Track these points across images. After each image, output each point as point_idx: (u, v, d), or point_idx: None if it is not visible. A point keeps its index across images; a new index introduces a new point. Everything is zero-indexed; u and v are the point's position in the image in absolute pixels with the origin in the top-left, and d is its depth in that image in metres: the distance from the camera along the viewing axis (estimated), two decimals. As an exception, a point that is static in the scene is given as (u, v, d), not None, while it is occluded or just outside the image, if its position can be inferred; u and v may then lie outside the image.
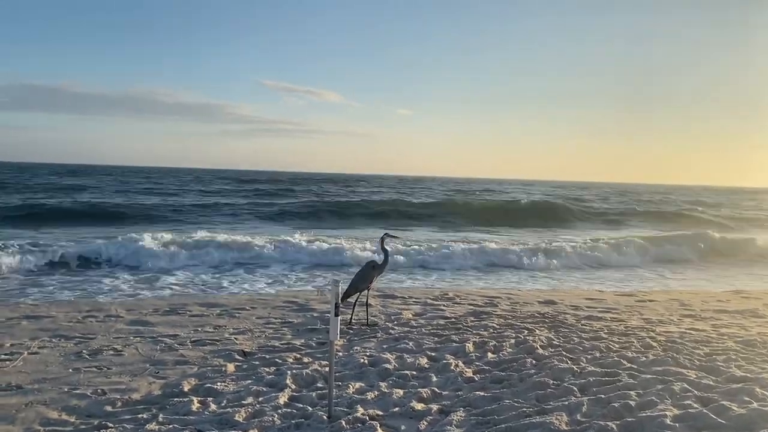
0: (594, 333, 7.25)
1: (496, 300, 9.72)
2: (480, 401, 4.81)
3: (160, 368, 5.74)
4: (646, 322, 8.20)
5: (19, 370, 5.56)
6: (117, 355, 6.13)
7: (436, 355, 6.16)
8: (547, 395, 4.94)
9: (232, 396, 4.92)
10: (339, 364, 5.79)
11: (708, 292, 11.97)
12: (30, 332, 6.97)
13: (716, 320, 8.52)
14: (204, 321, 7.78)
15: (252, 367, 5.79)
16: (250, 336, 7.04)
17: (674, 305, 9.80)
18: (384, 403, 4.79)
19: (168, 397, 4.94)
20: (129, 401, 4.84)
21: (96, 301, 9.15)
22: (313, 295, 10.07)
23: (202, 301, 9.25)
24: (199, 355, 6.21)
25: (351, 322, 7.63)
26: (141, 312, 8.20)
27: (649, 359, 5.94)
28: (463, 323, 7.76)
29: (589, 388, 5.09)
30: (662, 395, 4.80)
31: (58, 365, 5.76)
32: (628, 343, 6.67)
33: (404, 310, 8.64)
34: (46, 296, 9.56)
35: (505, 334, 7.08)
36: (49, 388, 5.09)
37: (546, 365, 5.71)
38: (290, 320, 7.92)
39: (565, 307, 9.32)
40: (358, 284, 7.44)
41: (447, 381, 5.38)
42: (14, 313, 7.92)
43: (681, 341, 6.81)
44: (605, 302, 9.93)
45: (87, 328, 7.27)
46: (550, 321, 8.01)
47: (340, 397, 4.84)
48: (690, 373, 5.48)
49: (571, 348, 6.43)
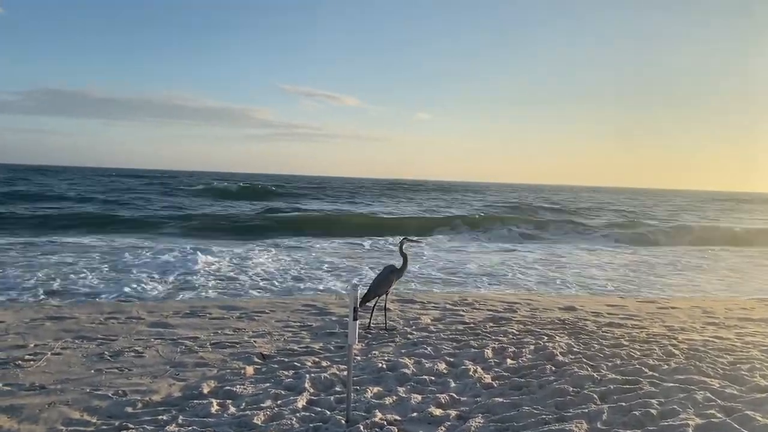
0: (615, 340, 7.17)
1: (515, 306, 9.66)
2: (499, 408, 4.78)
3: (180, 370, 5.79)
4: (668, 329, 8.09)
5: (42, 371, 5.65)
6: (138, 357, 6.20)
7: (455, 361, 6.13)
8: (566, 402, 4.89)
9: (251, 399, 4.94)
10: (357, 368, 5.79)
11: (732, 299, 11.78)
12: (53, 333, 7.08)
13: (740, 328, 8.38)
14: (224, 324, 7.84)
15: (271, 370, 5.82)
16: (269, 339, 7.08)
17: (697, 312, 9.66)
18: (402, 408, 4.78)
19: (187, 399, 4.98)
20: (149, 403, 4.89)
21: (118, 303, 9.26)
22: (331, 298, 10.10)
23: (222, 303, 9.32)
24: (219, 357, 6.26)
25: (369, 326, 7.64)
26: (162, 314, 8.29)
27: (671, 367, 5.85)
28: (482, 329, 7.72)
29: (610, 396, 5.04)
30: (684, 404, 4.73)
31: (80, 366, 5.84)
32: (649, 351, 6.58)
33: (423, 315, 8.62)
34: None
35: (524, 340, 7.03)
36: (71, 389, 5.16)
37: (566, 372, 5.66)
38: (309, 324, 7.95)
39: (586, 313, 9.23)
40: (376, 288, 7.44)
41: (465, 387, 5.35)
42: (38, 314, 8.05)
43: (704, 349, 6.71)
44: (626, 309, 9.82)
45: (109, 329, 7.36)
46: (570, 327, 7.94)
47: (359, 402, 4.84)
48: (713, 381, 5.39)
49: (592, 355, 6.36)
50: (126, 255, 14.66)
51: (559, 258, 18.34)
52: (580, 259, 18.46)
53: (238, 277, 12.44)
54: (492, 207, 43.33)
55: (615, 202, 61.02)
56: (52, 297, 9.77)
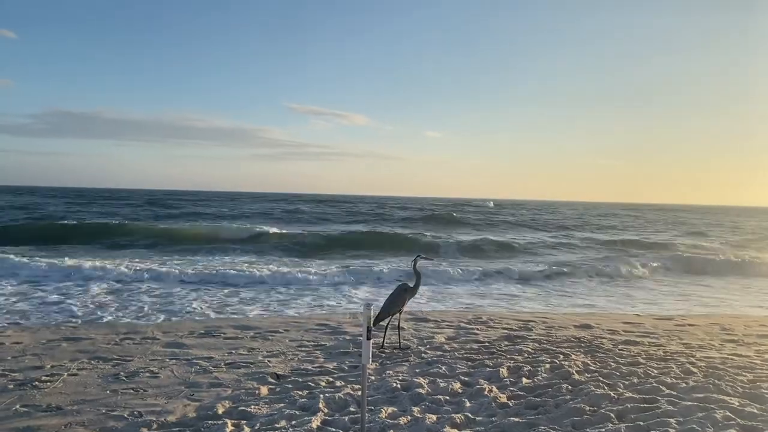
0: (632, 358, 7.09)
1: (530, 324, 9.60)
2: (514, 428, 4.74)
3: (195, 390, 5.80)
4: (686, 347, 7.99)
5: (59, 392, 5.69)
6: (153, 377, 6.22)
7: (470, 380, 6.09)
8: (583, 422, 4.84)
9: (266, 419, 4.94)
10: (371, 388, 5.78)
11: (750, 316, 11.62)
12: (70, 354, 7.13)
13: (760, 345, 8.26)
14: (238, 344, 7.85)
15: (285, 390, 5.82)
16: (283, 359, 7.08)
17: (715, 329, 9.54)
18: (417, 428, 4.75)
19: (202, 419, 4.99)
20: (164, 423, 4.90)
21: (133, 323, 9.31)
22: (345, 318, 10.09)
23: (236, 323, 9.35)
24: (233, 377, 6.27)
25: (383, 345, 7.62)
26: (177, 334, 8.32)
27: (690, 385, 5.77)
28: (496, 347, 7.67)
29: (627, 415, 4.98)
30: (703, 423, 4.66)
31: (96, 387, 5.88)
32: (667, 369, 6.50)
33: (437, 334, 8.59)
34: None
35: (540, 359, 6.98)
36: (87, 410, 5.19)
37: (582, 391, 5.60)
38: (323, 343, 7.94)
39: (602, 331, 9.14)
40: (390, 307, 7.43)
41: (481, 406, 5.31)
42: (55, 335, 8.12)
43: (723, 367, 6.61)
44: (643, 326, 9.72)
45: (124, 350, 7.40)
46: (586, 345, 7.87)
47: (373, 422, 4.82)
48: (732, 400, 5.31)
49: (608, 373, 6.30)
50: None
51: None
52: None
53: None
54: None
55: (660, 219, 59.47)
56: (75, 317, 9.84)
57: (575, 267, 18.86)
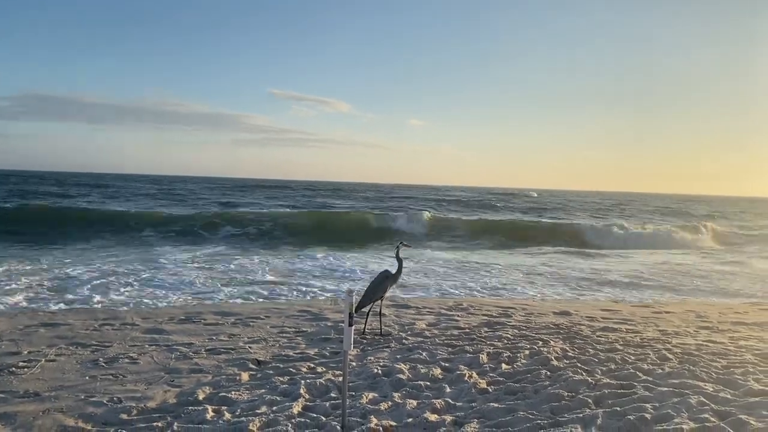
0: (609, 344, 7.19)
1: (510, 310, 9.68)
2: (494, 413, 4.79)
3: (175, 377, 5.78)
4: (662, 333, 8.13)
5: (36, 378, 5.63)
6: (133, 364, 6.19)
7: (450, 366, 6.14)
8: (561, 407, 4.91)
9: (246, 405, 4.94)
10: (353, 374, 5.80)
11: (725, 303, 11.84)
12: (47, 340, 7.05)
13: (734, 332, 8.42)
14: (219, 330, 7.83)
15: (266, 376, 5.82)
16: (264, 345, 7.08)
17: (691, 317, 9.70)
18: (397, 413, 4.79)
19: (183, 405, 4.97)
20: (144, 409, 4.88)
21: (112, 309, 9.23)
22: (327, 304, 10.10)
23: (217, 309, 9.31)
24: (214, 363, 6.25)
25: (364, 331, 7.64)
26: (156, 320, 8.27)
27: (666, 371, 5.88)
28: (477, 334, 7.73)
29: (605, 401, 5.06)
30: (679, 408, 4.75)
31: (74, 373, 5.83)
32: (643, 355, 6.61)
33: (418, 320, 8.63)
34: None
35: (519, 345, 7.05)
36: (65, 396, 5.15)
37: (561, 377, 5.68)
38: (304, 329, 7.95)
39: (581, 318, 9.25)
40: (372, 294, 7.45)
41: (461, 392, 5.36)
42: (32, 321, 8.02)
43: (698, 353, 6.74)
44: (621, 313, 9.85)
45: (103, 336, 7.34)
46: (565, 332, 7.96)
47: (354, 408, 4.84)
48: (707, 386, 5.41)
49: (586, 359, 6.39)
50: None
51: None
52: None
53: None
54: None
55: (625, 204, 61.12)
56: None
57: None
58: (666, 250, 24.56)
